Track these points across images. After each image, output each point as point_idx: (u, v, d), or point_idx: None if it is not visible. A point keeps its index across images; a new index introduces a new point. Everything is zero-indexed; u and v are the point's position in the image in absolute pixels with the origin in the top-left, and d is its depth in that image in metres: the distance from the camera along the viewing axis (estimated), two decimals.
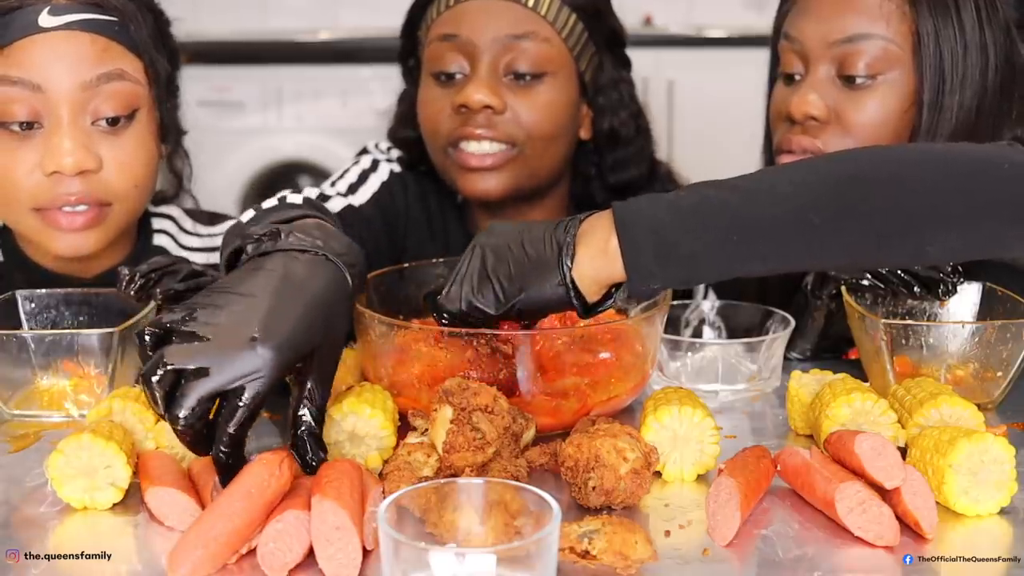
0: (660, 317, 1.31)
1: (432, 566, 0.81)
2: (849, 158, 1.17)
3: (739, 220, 1.10)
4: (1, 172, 1.45)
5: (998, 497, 1.06)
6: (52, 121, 1.43)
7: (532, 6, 1.68)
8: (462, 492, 0.91)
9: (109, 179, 1.47)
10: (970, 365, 1.32)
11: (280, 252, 1.13)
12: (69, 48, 1.42)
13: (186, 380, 0.99)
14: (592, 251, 1.14)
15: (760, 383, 1.39)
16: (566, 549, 0.93)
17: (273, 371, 1.00)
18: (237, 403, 0.99)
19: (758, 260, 1.12)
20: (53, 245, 1.49)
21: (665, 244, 1.11)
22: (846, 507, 1.01)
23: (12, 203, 1.47)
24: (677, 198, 1.14)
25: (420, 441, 1.12)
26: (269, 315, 1.03)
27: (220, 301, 1.04)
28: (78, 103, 1.43)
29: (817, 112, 1.52)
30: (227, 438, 0.99)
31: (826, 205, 1.10)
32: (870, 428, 1.16)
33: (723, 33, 3.93)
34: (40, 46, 1.41)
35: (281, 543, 0.94)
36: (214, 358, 0.99)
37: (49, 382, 1.32)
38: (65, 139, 1.42)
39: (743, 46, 3.83)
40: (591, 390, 1.24)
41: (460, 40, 1.68)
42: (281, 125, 3.89)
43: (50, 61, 1.41)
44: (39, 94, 1.41)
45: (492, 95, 1.66)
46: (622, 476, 1.05)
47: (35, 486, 1.13)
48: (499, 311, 1.17)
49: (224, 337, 1.00)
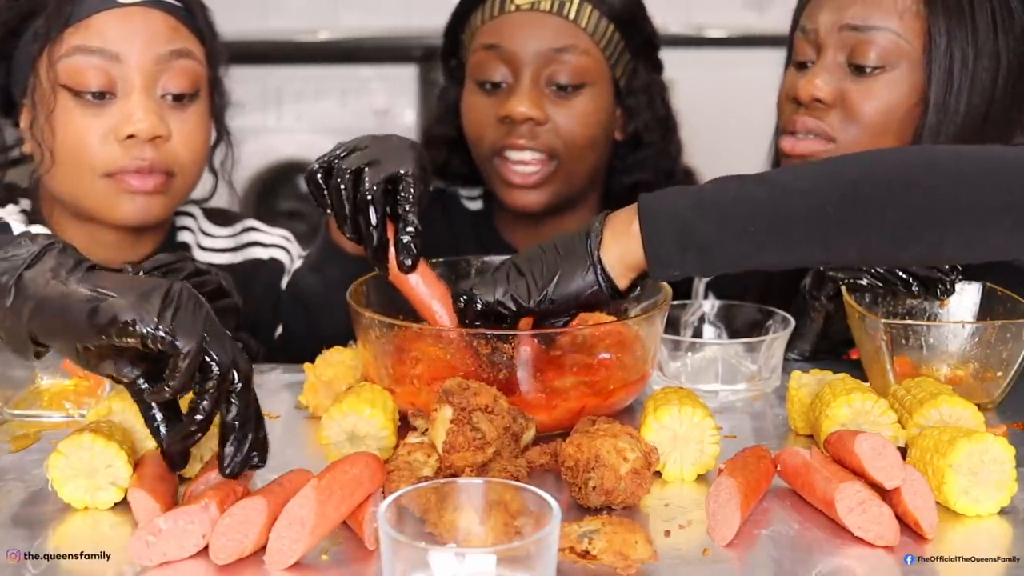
0: (660, 317, 1.31)
1: (432, 566, 0.81)
2: (871, 157, 1.18)
3: (758, 212, 1.13)
4: (74, 140, 1.51)
5: (998, 497, 1.06)
6: (126, 90, 1.50)
7: (573, 19, 1.74)
8: (462, 492, 0.91)
9: (176, 149, 1.55)
10: (970, 365, 1.32)
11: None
12: (145, 23, 1.51)
13: None
14: (616, 233, 1.18)
15: (760, 383, 1.39)
16: (566, 549, 0.93)
17: None
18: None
19: (774, 253, 1.14)
20: (121, 209, 1.54)
21: (684, 232, 1.14)
22: (846, 507, 1.01)
23: (84, 169, 1.52)
24: (700, 189, 1.18)
25: (420, 441, 1.12)
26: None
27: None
28: (151, 75, 1.51)
29: (823, 95, 1.52)
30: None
31: (845, 202, 1.12)
32: (870, 428, 1.16)
33: (723, 33, 3.93)
34: (119, 19, 1.49)
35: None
36: None
37: (49, 382, 1.32)
38: (140, 106, 1.50)
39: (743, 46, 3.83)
40: (591, 390, 1.24)
41: (504, 51, 1.75)
42: (281, 125, 3.89)
43: (127, 33, 1.49)
44: (116, 64, 1.49)
45: (535, 107, 1.73)
46: (622, 476, 1.05)
47: (35, 486, 1.13)
48: (533, 302, 1.19)
49: None
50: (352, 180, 1.26)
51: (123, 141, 1.50)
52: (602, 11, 1.76)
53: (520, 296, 1.20)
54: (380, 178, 1.24)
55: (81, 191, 1.55)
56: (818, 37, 1.55)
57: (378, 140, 1.31)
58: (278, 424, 1.30)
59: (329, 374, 1.31)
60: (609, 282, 1.18)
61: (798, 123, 1.55)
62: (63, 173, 1.53)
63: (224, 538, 0.96)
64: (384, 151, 1.28)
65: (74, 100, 1.50)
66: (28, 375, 1.31)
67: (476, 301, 1.21)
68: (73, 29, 1.48)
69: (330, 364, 1.32)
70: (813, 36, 1.56)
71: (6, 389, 1.31)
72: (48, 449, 1.11)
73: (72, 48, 1.48)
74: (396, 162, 1.26)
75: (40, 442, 1.24)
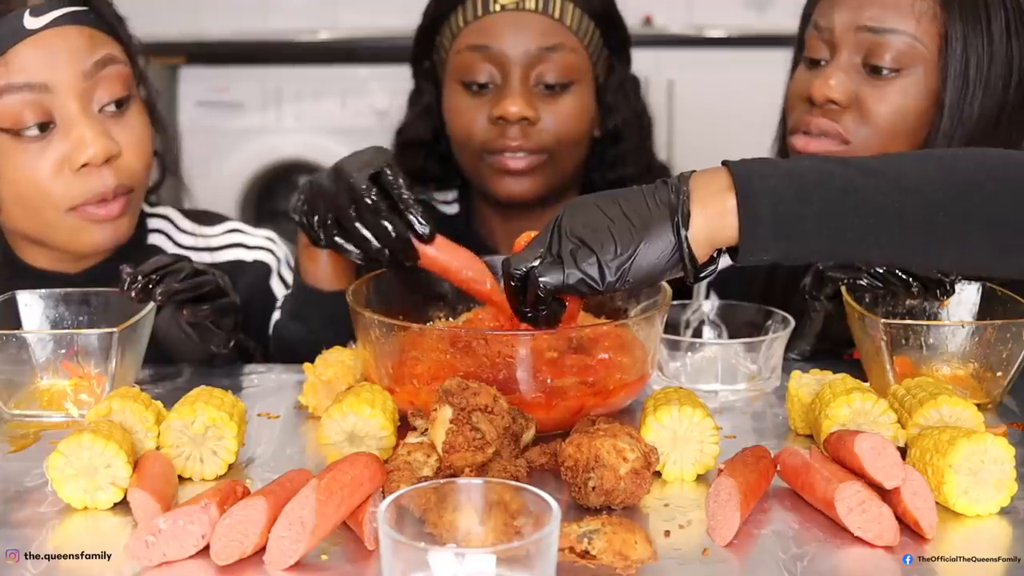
0: (660, 317, 1.31)
1: (432, 566, 0.81)
2: (980, 159, 1.13)
3: (863, 206, 1.06)
4: (28, 180, 1.45)
5: (998, 497, 1.06)
6: (65, 117, 1.44)
7: (558, 17, 1.74)
8: (462, 492, 0.91)
9: (130, 163, 1.50)
10: (970, 365, 1.32)
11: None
12: (61, 43, 1.43)
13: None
14: (709, 212, 1.08)
15: (760, 383, 1.39)
16: (566, 549, 0.93)
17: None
18: None
19: (875, 249, 1.09)
20: (92, 239, 1.51)
21: (785, 221, 1.06)
22: (846, 507, 1.01)
23: (45, 208, 1.47)
24: (800, 171, 1.09)
25: (420, 441, 1.12)
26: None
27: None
28: (84, 93, 1.45)
29: (838, 96, 1.52)
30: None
31: (953, 206, 1.07)
32: (870, 428, 1.16)
33: (723, 33, 3.93)
34: (34, 48, 1.42)
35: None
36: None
37: (49, 382, 1.32)
38: (85, 130, 1.44)
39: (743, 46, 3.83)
40: (591, 390, 1.24)
41: (491, 51, 1.74)
42: (281, 125, 3.89)
43: (48, 60, 1.42)
44: (47, 94, 1.43)
45: (528, 107, 1.74)
46: (622, 476, 1.05)
47: (35, 486, 1.13)
48: (608, 284, 1.09)
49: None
50: (348, 196, 1.33)
51: (78, 171, 1.45)
52: (584, 9, 1.77)
53: (594, 280, 1.09)
54: (365, 177, 1.33)
55: (45, 228, 1.50)
56: (833, 36, 1.54)
57: (345, 160, 1.39)
58: (278, 424, 1.30)
59: (329, 374, 1.31)
60: (694, 263, 1.09)
61: (812, 124, 1.54)
62: (21, 212, 1.49)
63: (224, 538, 0.96)
64: (356, 162, 1.37)
65: (14, 141, 1.44)
66: (28, 375, 1.31)
67: (541, 287, 1.12)
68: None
69: (330, 364, 1.32)
70: (828, 35, 1.55)
71: (6, 389, 1.31)
72: (48, 449, 1.11)
73: (1, 88, 1.41)
74: (372, 163, 1.35)
75: (40, 442, 1.24)
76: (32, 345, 1.31)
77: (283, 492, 1.00)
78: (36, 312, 1.41)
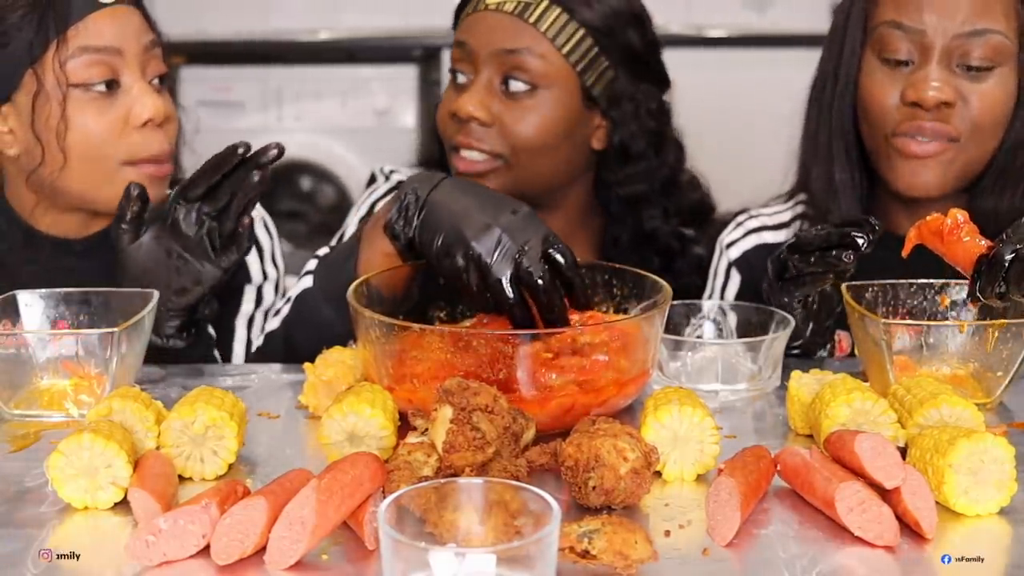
0: (660, 317, 1.31)
1: (432, 566, 0.81)
2: None
3: None
4: (95, 133, 1.58)
5: (998, 497, 1.06)
6: (128, 80, 1.60)
7: (534, 22, 1.72)
8: (462, 492, 0.91)
9: (174, 133, 1.67)
10: (970, 365, 1.32)
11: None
12: (128, 19, 1.62)
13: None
14: None
15: (760, 383, 1.39)
16: (566, 549, 0.93)
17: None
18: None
19: None
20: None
21: None
22: (846, 507, 1.01)
23: (106, 160, 1.59)
24: None
25: (420, 441, 1.12)
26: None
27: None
28: (144, 64, 1.62)
29: (948, 97, 1.54)
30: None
31: None
32: (870, 428, 1.16)
33: (723, 33, 3.93)
34: (108, 18, 1.60)
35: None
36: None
37: (49, 382, 1.32)
38: (147, 93, 1.61)
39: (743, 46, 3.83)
40: (591, 390, 1.24)
41: (467, 49, 1.76)
42: (281, 125, 3.89)
43: (119, 30, 1.61)
44: (117, 57, 1.59)
45: (480, 108, 1.72)
46: (622, 476, 1.05)
47: (35, 486, 1.13)
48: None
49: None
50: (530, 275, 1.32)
51: (139, 128, 1.59)
52: (573, 17, 1.73)
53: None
54: (538, 257, 1.33)
55: (100, 183, 1.60)
56: (924, 38, 1.55)
57: (514, 224, 1.36)
58: (278, 424, 1.30)
59: (329, 374, 1.31)
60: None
61: (927, 129, 1.55)
62: (82, 167, 1.59)
63: (225, 538, 0.96)
64: (522, 230, 1.36)
65: (85, 96, 1.57)
66: (28, 375, 1.31)
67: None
68: (74, 30, 1.56)
69: (330, 364, 1.32)
70: (918, 37, 1.55)
71: (6, 389, 1.31)
72: (48, 449, 1.11)
73: (78, 48, 1.56)
74: (538, 232, 1.35)
75: (40, 442, 1.24)
76: (32, 345, 1.31)
77: (283, 492, 1.00)
78: (36, 312, 1.41)
